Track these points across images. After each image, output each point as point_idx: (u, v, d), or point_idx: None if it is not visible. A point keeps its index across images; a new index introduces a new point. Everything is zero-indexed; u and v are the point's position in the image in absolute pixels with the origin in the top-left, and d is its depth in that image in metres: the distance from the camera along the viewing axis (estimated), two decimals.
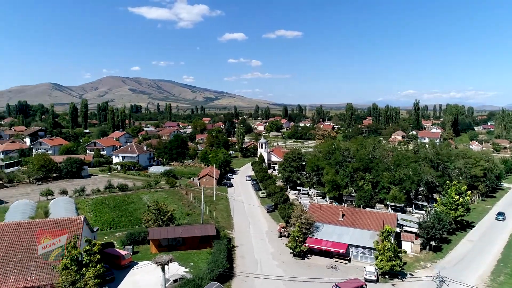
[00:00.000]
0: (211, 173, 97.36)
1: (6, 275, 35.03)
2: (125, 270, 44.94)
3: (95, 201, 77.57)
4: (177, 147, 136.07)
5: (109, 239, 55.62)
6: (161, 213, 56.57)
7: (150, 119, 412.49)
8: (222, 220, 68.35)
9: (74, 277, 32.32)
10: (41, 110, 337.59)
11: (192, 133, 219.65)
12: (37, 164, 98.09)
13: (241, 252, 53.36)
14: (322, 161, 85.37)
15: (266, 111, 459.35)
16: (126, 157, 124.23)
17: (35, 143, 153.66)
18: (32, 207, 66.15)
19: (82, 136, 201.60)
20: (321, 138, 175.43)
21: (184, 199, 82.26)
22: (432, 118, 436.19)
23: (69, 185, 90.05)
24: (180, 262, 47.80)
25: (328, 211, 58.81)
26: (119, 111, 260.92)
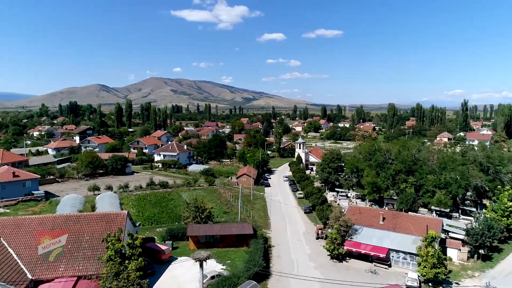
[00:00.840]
0: (249, 173, 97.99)
1: (56, 264, 37.29)
2: (165, 265, 46.29)
3: (137, 197, 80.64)
4: (216, 147, 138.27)
5: (150, 234, 57.57)
6: (199, 210, 57.74)
7: (190, 119, 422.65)
8: (259, 219, 68.55)
9: (117, 268, 33.74)
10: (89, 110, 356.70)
11: (230, 133, 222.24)
12: (85, 161, 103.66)
13: (278, 252, 53.21)
14: (362, 163, 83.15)
15: (304, 112, 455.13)
16: (167, 156, 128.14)
17: (83, 141, 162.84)
18: (80, 201, 70.07)
19: (127, 135, 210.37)
20: (361, 139, 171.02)
21: (222, 198, 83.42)
22: (482, 119, 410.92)
23: (114, 181, 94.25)
24: (217, 259, 48.47)
25: (368, 214, 57.15)
26: (161, 111, 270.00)
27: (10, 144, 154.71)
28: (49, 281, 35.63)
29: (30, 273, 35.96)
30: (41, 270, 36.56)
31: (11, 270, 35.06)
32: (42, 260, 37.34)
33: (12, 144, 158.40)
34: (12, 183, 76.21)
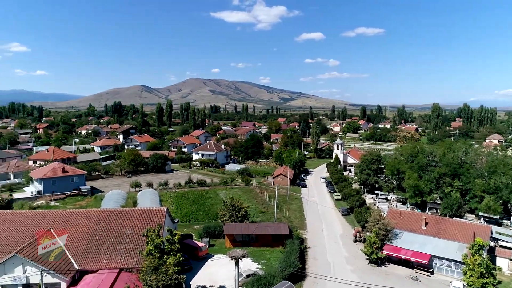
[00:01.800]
0: (285, 173, 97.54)
1: (100, 256, 39.11)
2: (201, 261, 47.15)
3: (176, 194, 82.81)
4: (253, 146, 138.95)
5: (188, 230, 58.85)
6: (236, 209, 58.25)
7: (227, 119, 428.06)
8: (295, 220, 68.03)
9: (157, 263, 34.75)
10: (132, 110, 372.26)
11: (267, 133, 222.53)
12: (128, 158, 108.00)
13: (314, 254, 52.49)
14: (403, 165, 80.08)
15: (343, 112, 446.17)
16: (205, 155, 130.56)
17: (126, 139, 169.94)
18: (123, 197, 73.10)
19: (167, 134, 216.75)
20: (403, 140, 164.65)
21: (258, 197, 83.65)
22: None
23: (154, 178, 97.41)
24: (253, 258, 48.64)
25: (409, 218, 54.91)
26: (200, 111, 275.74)
27: (60, 142, 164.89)
28: (93, 272, 37.44)
29: (76, 264, 37.97)
30: (86, 261, 38.50)
31: (60, 260, 37.18)
32: (88, 252, 39.31)
33: (62, 141, 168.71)
34: (62, 178, 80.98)
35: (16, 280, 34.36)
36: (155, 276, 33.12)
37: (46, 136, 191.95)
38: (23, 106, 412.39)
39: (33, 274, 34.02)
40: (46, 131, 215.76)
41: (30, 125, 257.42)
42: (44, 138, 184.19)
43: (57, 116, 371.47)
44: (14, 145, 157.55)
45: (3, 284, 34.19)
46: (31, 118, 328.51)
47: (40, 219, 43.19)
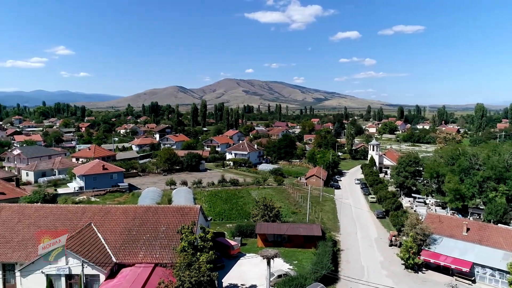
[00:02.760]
0: (318, 174, 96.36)
1: (136, 250, 40.42)
2: (233, 260, 47.54)
3: (209, 193, 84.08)
4: (285, 147, 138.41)
5: (221, 229, 59.57)
6: (268, 209, 58.25)
7: (260, 119, 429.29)
8: (328, 221, 67.01)
9: (190, 259, 35.40)
10: (168, 110, 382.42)
11: (300, 133, 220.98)
12: (163, 157, 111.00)
13: (347, 256, 51.44)
14: (443, 167, 76.66)
15: (379, 112, 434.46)
16: (238, 154, 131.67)
17: (162, 138, 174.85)
18: (158, 194, 75.25)
19: (201, 133, 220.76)
20: (443, 142, 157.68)
21: (291, 198, 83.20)
22: None
23: (189, 177, 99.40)
24: (284, 258, 48.43)
25: (449, 223, 52.46)
26: (233, 111, 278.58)
27: (101, 140, 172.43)
28: (130, 265, 38.76)
29: (114, 257, 39.47)
30: (124, 255, 39.91)
31: (99, 252, 38.85)
32: (125, 246, 40.75)
33: (102, 140, 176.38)
34: (102, 175, 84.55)
35: (60, 270, 36.23)
36: (188, 272, 33.74)
37: (88, 135, 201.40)
38: (67, 106, 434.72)
39: (75, 265, 35.72)
40: (88, 130, 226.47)
41: (74, 124, 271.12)
42: (86, 136, 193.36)
43: (98, 116, 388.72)
44: (59, 143, 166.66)
45: (48, 273, 36.20)
46: (75, 118, 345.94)
47: (82, 214, 45.31)
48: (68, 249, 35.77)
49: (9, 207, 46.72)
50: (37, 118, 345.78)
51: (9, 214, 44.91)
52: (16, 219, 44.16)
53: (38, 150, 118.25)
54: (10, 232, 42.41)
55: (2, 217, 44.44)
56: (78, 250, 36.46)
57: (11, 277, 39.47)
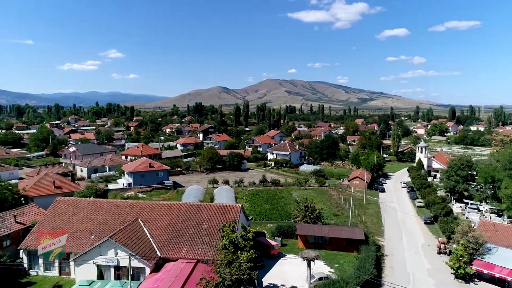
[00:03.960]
0: (362, 176, 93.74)
1: (180, 246, 41.68)
2: (273, 260, 47.53)
3: (251, 192, 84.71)
4: (328, 147, 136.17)
5: (261, 228, 59.81)
6: (309, 210, 57.60)
7: (303, 119, 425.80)
8: (371, 225, 64.97)
9: (230, 257, 35.87)
10: (211, 110, 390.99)
11: (343, 134, 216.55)
12: (206, 156, 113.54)
13: (391, 262, 49.54)
14: (500, 172, 71.49)
15: (428, 113, 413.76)
16: (279, 155, 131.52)
17: (206, 138, 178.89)
18: (201, 192, 77.10)
19: (243, 133, 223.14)
20: (500, 145, 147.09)
21: (332, 200, 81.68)
22: None
23: (230, 176, 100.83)
24: (325, 261, 47.62)
25: (506, 232, 48.79)
26: (275, 111, 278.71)
27: (148, 139, 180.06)
28: (173, 260, 40.05)
29: (159, 251, 41.00)
30: (168, 250, 41.33)
31: (145, 246, 40.54)
32: (169, 242, 42.18)
33: (149, 139, 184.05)
34: (148, 172, 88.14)
35: (109, 261, 38.28)
36: (229, 270, 34.20)
37: (136, 133, 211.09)
38: (118, 106, 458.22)
39: (123, 257, 37.54)
40: (136, 129, 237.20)
41: (123, 124, 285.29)
42: (135, 135, 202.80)
43: (145, 116, 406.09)
44: (110, 141, 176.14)
45: (98, 264, 38.38)
46: (124, 118, 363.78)
47: (130, 209, 47.54)
48: (118, 242, 37.64)
49: (65, 200, 50.17)
50: (91, 117, 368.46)
51: (65, 207, 48.23)
52: (71, 211, 47.33)
53: (91, 148, 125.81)
54: (65, 223, 45.50)
55: (59, 209, 47.82)
56: (126, 243, 38.27)
57: (66, 265, 42.37)
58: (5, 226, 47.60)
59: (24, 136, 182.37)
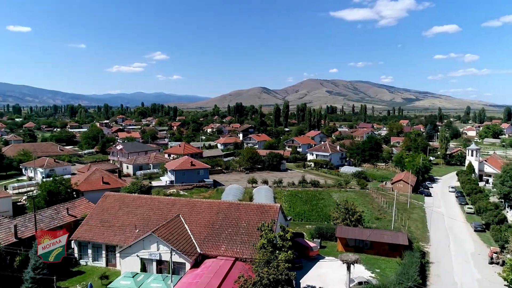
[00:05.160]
0: (406, 179, 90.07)
1: (219, 244, 42.36)
2: (312, 261, 46.92)
3: (289, 193, 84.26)
4: (370, 149, 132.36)
5: (300, 229, 59.27)
6: (349, 212, 56.33)
7: (344, 120, 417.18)
8: (416, 231, 62.22)
9: (268, 257, 35.89)
10: (251, 110, 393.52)
11: (387, 135, 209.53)
12: (246, 156, 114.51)
13: (437, 270, 47.11)
14: None
15: (480, 114, 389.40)
16: (319, 155, 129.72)
17: (246, 138, 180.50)
18: (241, 191, 77.86)
19: (283, 133, 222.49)
20: None
21: (374, 203, 79.23)
22: None
23: (270, 176, 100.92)
24: (366, 265, 46.27)
25: None
26: (316, 112, 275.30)
27: (190, 138, 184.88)
28: (212, 257, 40.77)
29: (199, 248, 41.92)
30: (207, 247, 42.15)
31: (186, 243, 41.62)
32: (208, 239, 43.00)
33: (191, 138, 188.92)
34: (190, 170, 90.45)
35: (152, 255, 39.73)
36: (266, 269, 34.21)
37: (178, 133, 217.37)
38: (161, 106, 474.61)
39: (165, 252, 38.78)
40: (179, 128, 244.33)
41: (167, 123, 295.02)
42: (177, 134, 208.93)
43: (188, 116, 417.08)
44: (154, 140, 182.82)
45: (142, 257, 39.95)
46: (168, 117, 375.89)
47: (172, 205, 49.05)
48: (160, 237, 38.96)
49: (112, 195, 52.78)
50: (137, 117, 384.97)
51: (112, 201, 50.73)
52: (117, 206, 49.69)
53: (137, 146, 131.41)
54: (112, 217, 47.85)
55: (106, 204, 50.39)
56: (167, 239, 39.50)
57: (112, 257, 44.55)
58: (59, 217, 51.04)
59: (77, 135, 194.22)
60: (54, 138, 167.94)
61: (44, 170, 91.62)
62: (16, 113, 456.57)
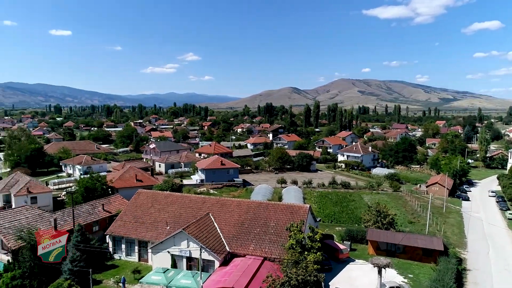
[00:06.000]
0: (442, 182, 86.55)
1: (248, 243, 42.52)
2: (341, 264, 46.08)
3: (319, 193, 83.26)
4: (404, 150, 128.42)
5: (329, 231, 58.41)
6: (381, 215, 54.86)
7: (376, 120, 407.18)
8: (452, 236, 59.64)
9: (297, 257, 35.70)
10: (281, 110, 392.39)
11: (422, 137, 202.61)
12: (276, 156, 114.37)
13: (475, 278, 44.88)
14: None
15: None
16: (351, 156, 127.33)
17: (275, 138, 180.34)
18: (270, 191, 77.83)
19: (313, 134, 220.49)
20: None
21: (408, 206, 76.74)
22: None
23: (299, 176, 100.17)
24: (398, 270, 44.86)
25: None
26: (347, 112, 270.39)
27: (220, 138, 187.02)
28: (241, 256, 41.00)
29: (228, 246, 42.28)
30: (236, 245, 42.43)
31: (215, 241, 42.11)
32: (237, 238, 43.28)
33: (221, 138, 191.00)
34: (220, 170, 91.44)
35: (182, 252, 40.51)
36: (295, 270, 34.01)
37: (209, 132, 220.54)
38: (193, 107, 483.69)
39: (194, 249, 39.42)
40: (210, 128, 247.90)
41: (198, 123, 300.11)
42: (208, 134, 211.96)
43: (218, 116, 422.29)
44: (185, 140, 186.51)
45: (172, 253, 40.84)
46: (199, 117, 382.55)
47: (202, 204, 49.79)
48: (190, 234, 39.65)
49: (145, 192, 54.35)
50: (169, 117, 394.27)
51: (145, 198, 52.22)
52: (150, 203, 51.09)
53: (169, 145, 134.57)
54: (144, 214, 49.26)
55: (139, 201, 51.94)
56: (197, 236, 40.14)
57: (144, 252, 45.85)
58: (95, 213, 53.16)
59: (112, 134, 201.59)
60: (91, 137, 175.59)
61: (82, 167, 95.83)
62: (57, 113, 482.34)
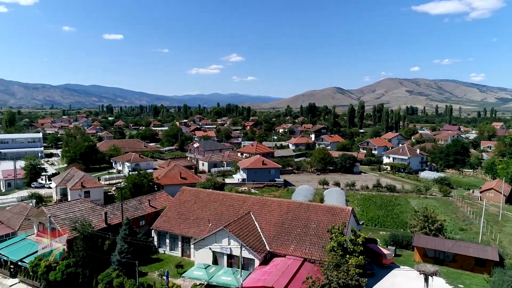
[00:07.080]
0: (498, 188, 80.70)
1: (288, 243, 42.33)
2: (385, 270, 44.46)
3: (363, 196, 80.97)
4: (456, 153, 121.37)
5: (373, 235, 56.63)
6: (429, 221, 52.24)
7: (426, 121, 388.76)
8: (509, 246, 55.40)
9: (338, 260, 34.96)
10: (325, 111, 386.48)
11: (476, 139, 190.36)
12: (318, 157, 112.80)
13: None
14: None
15: None
16: (397, 159, 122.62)
17: (318, 138, 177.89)
18: (311, 192, 76.88)
19: (357, 135, 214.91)
20: None
21: (459, 212, 72.41)
22: None
23: (342, 178, 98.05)
24: (447, 279, 42.43)
25: None
26: (394, 112, 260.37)
27: (262, 138, 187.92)
28: (281, 256, 40.91)
29: (268, 245, 42.37)
30: (276, 245, 42.40)
31: (255, 239, 42.38)
32: (277, 237, 43.23)
33: (263, 138, 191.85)
34: (261, 169, 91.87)
35: (223, 249, 41.21)
36: (336, 273, 33.35)
37: (251, 132, 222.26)
38: (236, 107, 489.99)
39: (235, 247, 39.94)
40: (252, 128, 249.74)
41: (240, 123, 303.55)
42: (250, 134, 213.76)
43: (261, 116, 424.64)
44: (228, 139, 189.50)
45: (214, 250, 41.67)
46: (241, 117, 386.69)
47: (243, 202, 50.33)
48: (231, 232, 40.23)
49: (188, 190, 55.94)
50: (213, 117, 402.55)
51: (188, 195, 53.75)
52: (193, 200, 52.51)
53: (212, 145, 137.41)
54: (188, 210, 50.70)
55: (183, 197, 53.55)
56: (238, 234, 40.61)
57: (187, 248, 47.21)
58: (142, 208, 55.56)
59: (159, 133, 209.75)
60: (139, 136, 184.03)
61: (130, 164, 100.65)
62: (109, 113, 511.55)
